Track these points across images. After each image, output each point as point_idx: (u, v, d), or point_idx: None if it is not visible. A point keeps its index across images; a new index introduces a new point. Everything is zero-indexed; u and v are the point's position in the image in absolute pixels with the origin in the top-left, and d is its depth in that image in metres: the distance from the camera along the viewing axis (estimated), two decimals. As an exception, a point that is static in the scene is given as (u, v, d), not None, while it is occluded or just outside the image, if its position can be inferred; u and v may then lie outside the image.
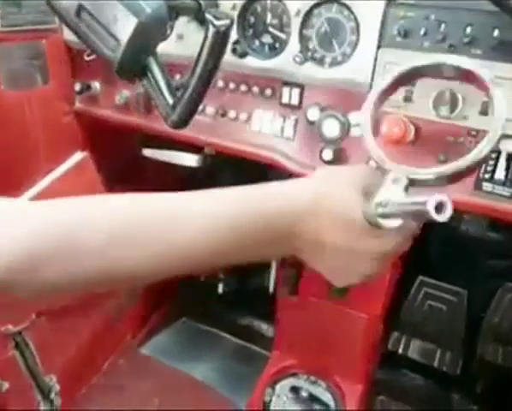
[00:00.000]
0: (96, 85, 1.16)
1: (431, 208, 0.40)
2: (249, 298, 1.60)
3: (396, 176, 0.51)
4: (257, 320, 1.56)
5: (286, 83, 0.93)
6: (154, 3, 0.67)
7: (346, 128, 0.80)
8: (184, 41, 0.98)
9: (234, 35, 0.93)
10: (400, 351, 1.31)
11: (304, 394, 1.07)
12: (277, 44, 0.92)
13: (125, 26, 0.66)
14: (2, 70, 1.02)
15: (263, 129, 0.96)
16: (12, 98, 1.05)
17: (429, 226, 1.14)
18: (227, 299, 1.59)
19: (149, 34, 0.69)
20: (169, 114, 0.69)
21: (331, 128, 0.81)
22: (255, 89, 0.96)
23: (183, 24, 0.98)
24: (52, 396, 1.14)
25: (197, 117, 1.03)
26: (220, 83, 0.99)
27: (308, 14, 0.87)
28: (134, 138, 1.35)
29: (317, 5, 0.86)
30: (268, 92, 0.95)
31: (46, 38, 1.08)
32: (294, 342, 1.11)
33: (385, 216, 0.47)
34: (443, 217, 0.41)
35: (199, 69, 0.66)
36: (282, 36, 0.91)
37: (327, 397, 1.07)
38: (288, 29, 0.89)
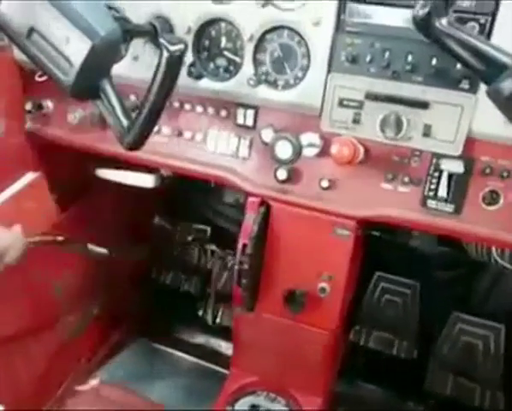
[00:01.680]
0: (48, 103, 1.14)
1: None
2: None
3: None
4: (214, 338, 1.56)
5: (241, 105, 0.95)
6: (108, 26, 0.68)
7: (298, 149, 0.83)
8: (139, 63, 0.99)
9: (189, 58, 0.95)
10: (361, 343, 1.37)
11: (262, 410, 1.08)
12: (232, 67, 0.94)
13: (78, 49, 0.66)
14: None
15: (218, 149, 0.98)
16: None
17: (382, 235, 1.19)
18: (184, 314, 1.59)
19: (103, 57, 0.69)
20: (124, 136, 0.70)
21: (284, 150, 0.83)
22: (210, 110, 0.98)
23: (139, 46, 0.98)
24: (1, 427, 1.09)
25: (152, 138, 1.05)
26: (176, 104, 1.00)
27: (261, 38, 0.90)
28: (89, 157, 1.33)
29: (269, 31, 0.89)
30: (223, 113, 0.97)
31: (-4, 56, 1.05)
32: (253, 359, 1.11)
33: None
34: None
35: (153, 93, 0.67)
36: (237, 59, 0.93)
37: (285, 412, 1.08)
38: (242, 53, 0.92)
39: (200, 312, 1.55)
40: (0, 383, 1.09)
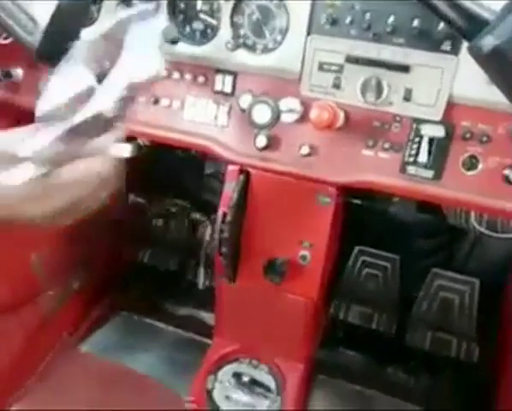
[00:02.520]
0: (17, 71, 1.09)
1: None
2: (188, 288, 1.60)
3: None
4: (197, 309, 1.56)
5: (219, 70, 0.92)
6: (75, -15, 0.64)
7: (276, 112, 0.81)
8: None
9: (164, 21, 0.91)
10: (341, 317, 1.39)
11: (246, 379, 1.08)
12: (209, 31, 0.91)
13: (44, 8, 0.63)
14: None
15: (196, 117, 0.95)
16: None
17: (363, 204, 1.19)
18: (165, 285, 1.58)
19: (70, 17, 0.65)
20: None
21: (262, 114, 0.82)
22: (188, 76, 0.95)
23: (111, 7, 0.94)
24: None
25: (132, 107, 1.02)
26: (151, 70, 0.97)
27: (239, 0, 0.87)
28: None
29: (249, -9, 0.86)
30: (201, 79, 0.94)
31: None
32: (235, 327, 1.11)
33: None
34: None
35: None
36: (214, 22, 0.90)
37: (268, 380, 1.09)
38: (219, 15, 0.89)
39: (190, 277, 1.54)
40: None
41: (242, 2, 0.87)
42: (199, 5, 0.91)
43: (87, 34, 0.68)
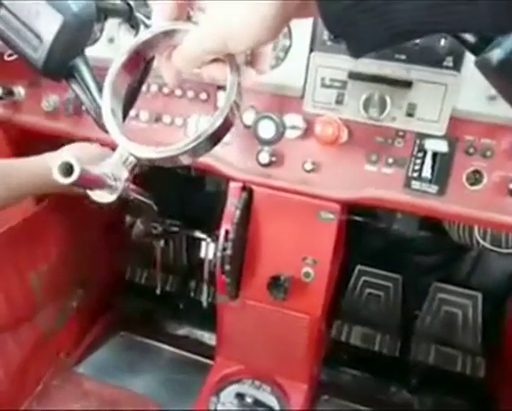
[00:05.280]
0: (19, 89, 1.09)
1: (55, 170, 0.36)
2: (187, 307, 1.58)
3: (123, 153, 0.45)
4: (197, 329, 1.54)
5: (221, 87, 0.92)
6: (81, 2, 0.64)
7: (281, 128, 0.81)
8: (115, 45, 0.95)
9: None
10: (343, 339, 1.37)
11: (249, 400, 1.06)
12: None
13: (49, 24, 0.63)
14: None
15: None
16: None
17: (363, 221, 1.18)
18: (165, 305, 1.56)
19: (75, 34, 0.66)
20: (101, 117, 0.66)
21: (267, 129, 0.82)
22: (190, 93, 0.95)
23: (114, 27, 0.95)
24: (-23, 426, 1.05)
25: (130, 123, 1.02)
26: (154, 88, 0.97)
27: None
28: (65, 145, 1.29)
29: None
30: (203, 96, 0.94)
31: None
32: (237, 347, 1.10)
33: None
34: (68, 179, 0.36)
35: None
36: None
37: (271, 400, 1.07)
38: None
39: (192, 294, 1.52)
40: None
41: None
42: (202, 23, 0.91)
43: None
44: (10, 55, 0.91)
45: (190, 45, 0.43)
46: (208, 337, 1.51)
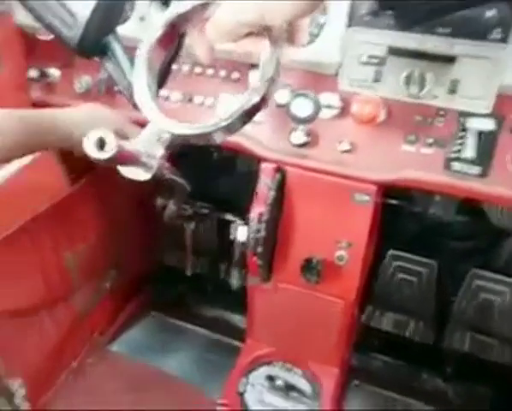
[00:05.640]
0: (53, 71, 1.10)
1: (89, 145, 0.35)
2: (217, 288, 1.58)
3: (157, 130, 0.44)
4: (227, 311, 1.54)
5: (253, 65, 0.90)
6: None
7: (317, 107, 0.79)
8: (146, 23, 0.94)
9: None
10: (374, 324, 1.34)
11: (279, 382, 1.06)
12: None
13: (84, 2, 0.62)
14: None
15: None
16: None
17: (397, 204, 1.14)
18: (195, 287, 1.56)
19: (109, 12, 0.65)
20: (133, 94, 0.66)
21: (302, 108, 0.79)
22: (222, 73, 0.93)
23: (145, 6, 0.94)
24: (17, 401, 1.08)
25: (162, 104, 1.01)
26: (185, 68, 0.96)
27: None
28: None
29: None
30: (235, 75, 0.93)
31: (-3, 21, 1.01)
32: (267, 330, 1.09)
33: None
34: (104, 155, 0.35)
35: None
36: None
37: (303, 384, 1.06)
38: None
39: (222, 276, 1.52)
40: (14, 357, 1.08)
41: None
42: (234, 0, 0.89)
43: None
44: (44, 35, 0.91)
45: (225, 17, 0.42)
46: (238, 320, 1.51)
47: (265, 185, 0.92)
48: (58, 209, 1.13)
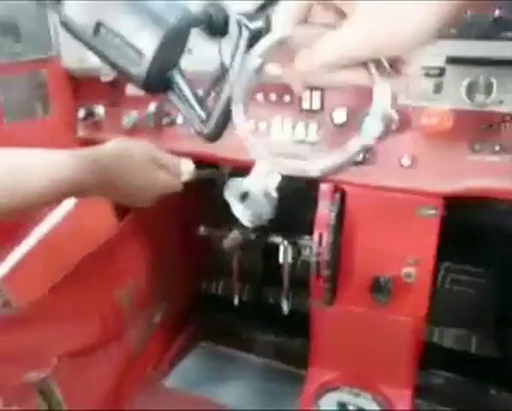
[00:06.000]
0: (99, 110, 1.11)
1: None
2: (266, 313, 1.55)
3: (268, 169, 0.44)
4: (278, 336, 1.51)
5: (313, 88, 0.90)
6: (178, 14, 0.64)
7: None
8: (194, 55, 0.94)
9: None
10: (435, 340, 1.29)
11: (351, 408, 1.02)
12: (294, 49, 0.89)
13: (150, 39, 0.62)
14: (4, 103, 0.96)
15: (284, 137, 0.93)
16: (14, 131, 1.00)
17: (451, 214, 1.11)
18: (244, 314, 1.54)
19: (174, 46, 0.65)
20: (204, 126, 0.66)
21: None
22: (273, 97, 0.93)
23: (191, 38, 0.94)
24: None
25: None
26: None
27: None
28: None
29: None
30: (286, 98, 0.92)
31: (46, 66, 1.03)
32: (332, 354, 1.06)
33: None
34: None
35: (233, 77, 0.63)
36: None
37: (374, 408, 1.02)
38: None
39: (271, 300, 1.49)
40: (75, 398, 1.07)
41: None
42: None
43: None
44: (105, 76, 0.93)
45: (327, 51, 0.40)
46: (290, 344, 1.48)
47: (325, 207, 0.90)
48: (108, 246, 1.13)
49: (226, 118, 0.66)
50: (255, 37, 0.61)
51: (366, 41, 0.38)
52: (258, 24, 0.61)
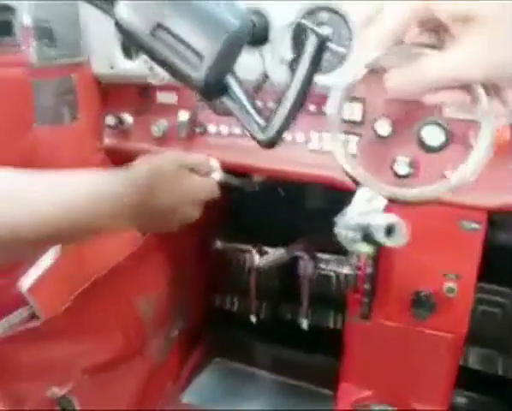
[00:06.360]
0: (127, 118, 1.09)
1: (380, 232, 0.37)
2: (282, 329, 1.53)
3: (372, 195, 0.45)
4: (294, 352, 1.48)
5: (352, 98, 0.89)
6: (240, 17, 0.62)
7: (449, 133, 0.77)
8: (237, 64, 0.93)
9: (288, 54, 0.89)
10: (460, 363, 1.26)
11: (385, 427, 1.00)
12: (335, 59, 0.89)
13: (211, 41, 0.61)
14: (35, 107, 0.94)
15: (323, 148, 0.92)
16: (44, 136, 0.97)
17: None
18: (260, 330, 1.51)
19: (234, 50, 0.64)
20: (262, 133, 0.64)
21: (433, 136, 0.77)
22: (312, 108, 0.92)
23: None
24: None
25: (248, 143, 1.00)
26: (271, 105, 0.95)
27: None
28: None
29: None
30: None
31: (76, 72, 1.01)
32: (366, 371, 1.03)
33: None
34: (394, 242, 0.37)
35: (297, 82, 0.62)
36: (341, 50, 0.88)
37: (409, 428, 1.00)
38: (349, 43, 0.86)
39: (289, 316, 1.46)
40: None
41: (373, 26, 0.85)
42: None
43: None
44: (156, 79, 0.91)
45: (434, 71, 0.39)
46: (306, 360, 1.45)
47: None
48: (132, 259, 1.10)
49: (286, 126, 0.65)
50: (323, 43, 0.60)
51: (479, 65, 0.37)
52: (326, 30, 0.60)
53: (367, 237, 0.41)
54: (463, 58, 0.37)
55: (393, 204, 0.43)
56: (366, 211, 0.42)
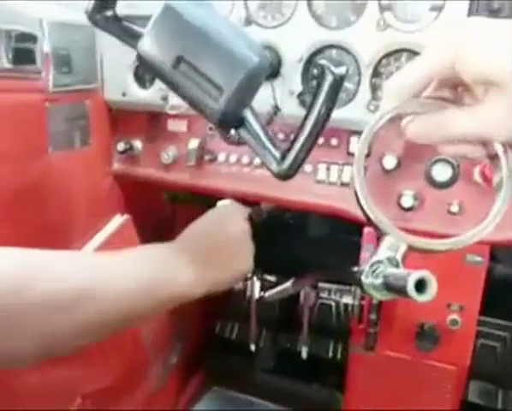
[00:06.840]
0: (137, 144, 1.11)
1: (411, 287, 0.38)
2: (282, 358, 1.52)
3: (393, 242, 0.47)
4: (294, 382, 1.47)
5: (354, 132, 0.92)
6: (259, 52, 0.65)
7: (457, 170, 0.79)
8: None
9: (298, 87, 0.93)
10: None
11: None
12: (344, 94, 0.92)
13: (232, 75, 0.63)
14: (49, 132, 0.96)
15: (330, 179, 0.94)
16: (56, 160, 0.99)
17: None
18: (259, 359, 1.50)
19: (252, 84, 0.66)
20: (277, 166, 0.66)
21: (442, 172, 0.80)
22: (320, 140, 0.95)
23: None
24: None
25: (256, 172, 1.02)
26: (280, 136, 0.98)
27: (378, 64, 0.88)
28: (162, 194, 1.31)
29: (387, 55, 0.87)
30: (334, 141, 0.94)
31: (89, 98, 1.04)
32: (368, 401, 1.03)
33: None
34: (425, 297, 0.38)
35: (313, 117, 0.64)
36: (350, 86, 0.91)
37: (413, 462, 0.99)
38: (358, 79, 0.89)
39: (289, 345, 1.46)
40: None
41: (380, 65, 0.88)
42: (334, 71, 0.92)
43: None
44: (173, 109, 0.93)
45: (455, 127, 0.42)
46: (306, 390, 1.44)
47: (368, 250, 0.90)
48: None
49: (302, 160, 0.67)
50: (340, 81, 0.63)
51: (502, 128, 0.40)
52: (342, 70, 0.63)
53: (393, 288, 0.42)
54: (487, 120, 0.40)
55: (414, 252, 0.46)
56: (389, 259, 0.44)
